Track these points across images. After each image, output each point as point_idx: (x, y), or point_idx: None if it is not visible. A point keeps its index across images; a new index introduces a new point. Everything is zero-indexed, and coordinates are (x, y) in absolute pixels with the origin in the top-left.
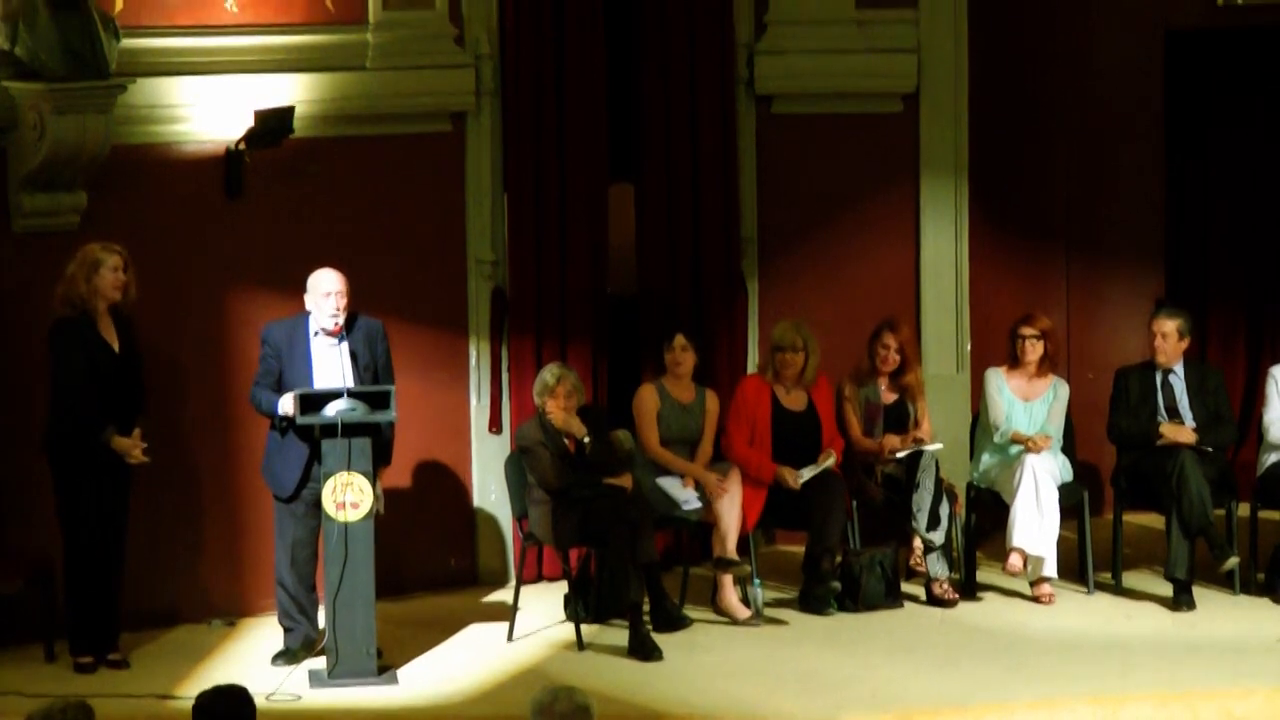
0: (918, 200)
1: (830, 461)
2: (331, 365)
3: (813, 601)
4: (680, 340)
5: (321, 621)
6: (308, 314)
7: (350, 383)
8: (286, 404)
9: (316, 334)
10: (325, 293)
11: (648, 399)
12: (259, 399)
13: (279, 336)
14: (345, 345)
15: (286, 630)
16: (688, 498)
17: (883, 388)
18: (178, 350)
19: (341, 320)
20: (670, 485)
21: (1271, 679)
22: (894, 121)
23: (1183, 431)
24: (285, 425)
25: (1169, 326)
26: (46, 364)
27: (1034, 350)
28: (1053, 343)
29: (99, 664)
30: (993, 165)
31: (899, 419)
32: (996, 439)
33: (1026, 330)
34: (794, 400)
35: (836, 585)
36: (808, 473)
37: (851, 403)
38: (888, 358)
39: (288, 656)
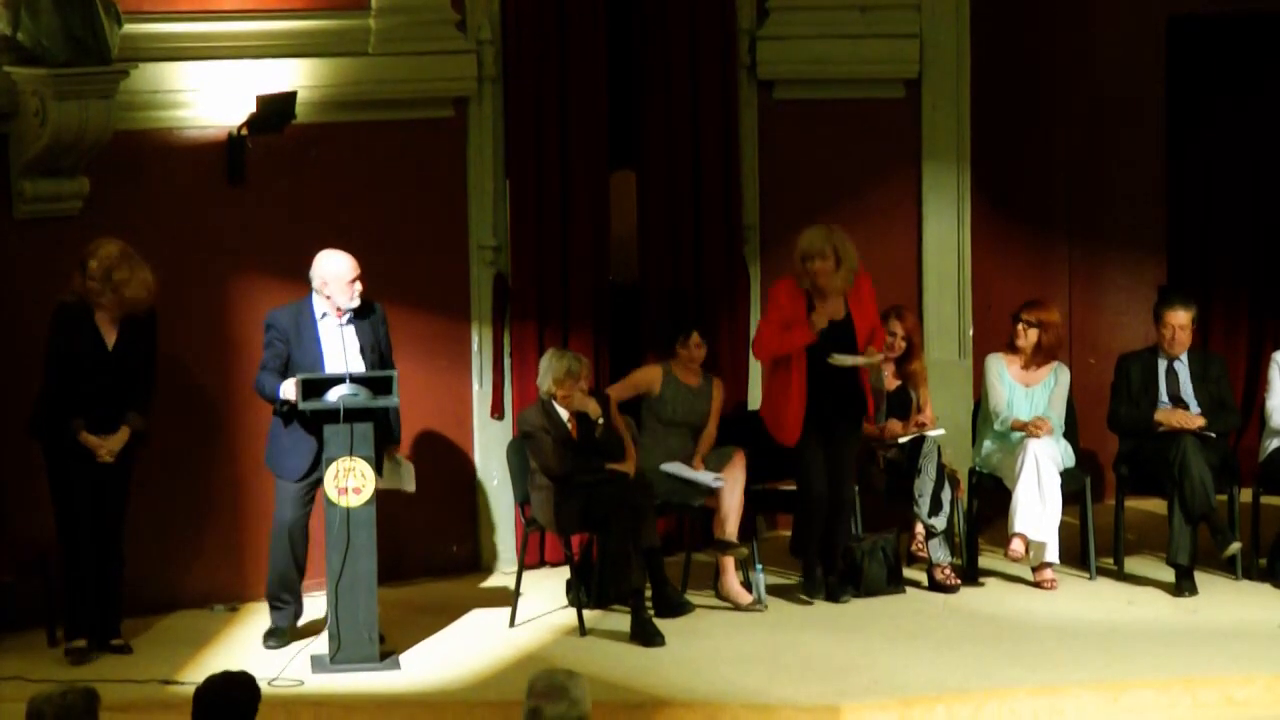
0: (920, 186)
1: (876, 359)
2: (339, 347)
3: (826, 590)
4: (695, 338)
5: (312, 604)
6: (309, 297)
7: (358, 363)
8: (289, 389)
9: (324, 316)
10: (350, 280)
11: (647, 373)
12: (264, 384)
13: (286, 321)
14: (351, 328)
15: (276, 609)
16: (703, 477)
17: (886, 374)
18: (180, 336)
19: (359, 302)
20: (680, 470)
21: (1273, 665)
22: (896, 107)
23: (1177, 415)
24: (286, 410)
25: (1185, 319)
26: (46, 348)
27: (1025, 336)
28: (1052, 335)
29: (94, 649)
30: (995, 151)
31: (902, 405)
32: (997, 426)
33: (1025, 315)
34: (831, 308)
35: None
36: (846, 360)
37: None
38: (894, 344)
39: (279, 636)
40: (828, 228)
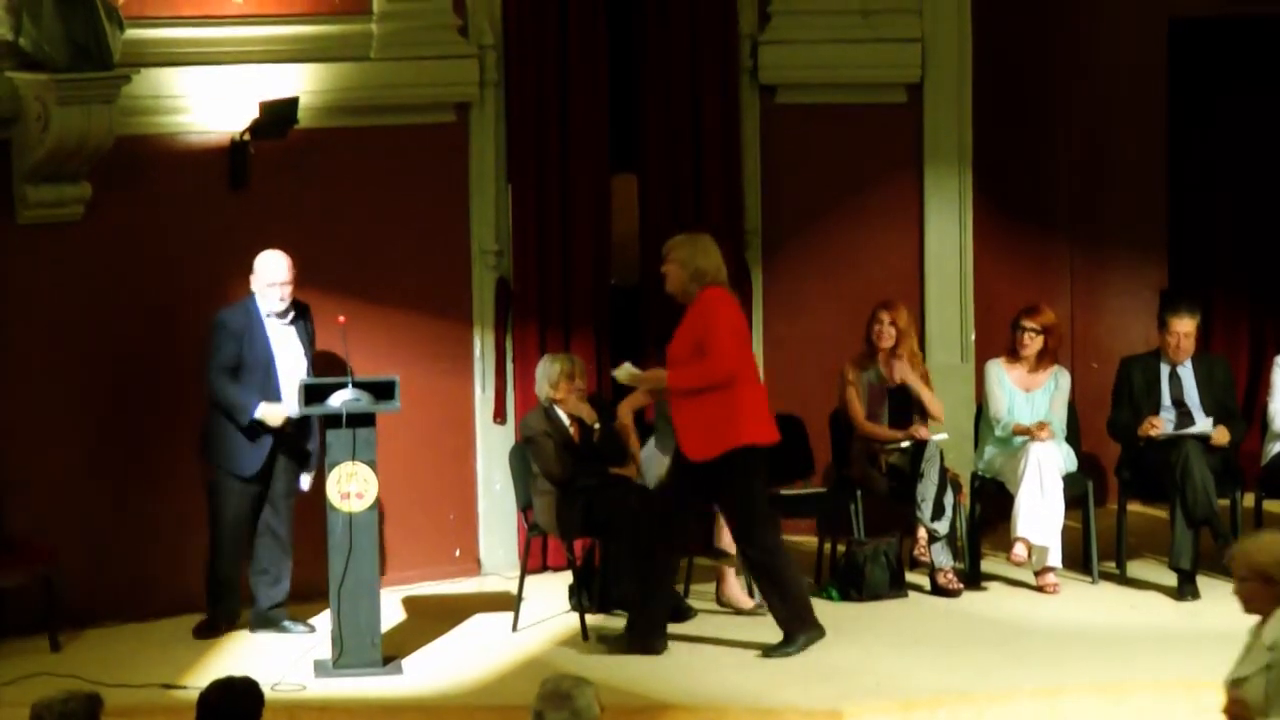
0: (922, 190)
1: (620, 374)
2: (288, 344)
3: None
4: None
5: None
6: (252, 297)
7: (303, 363)
8: (275, 417)
9: (269, 316)
10: (270, 283)
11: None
12: (226, 393)
13: (238, 321)
14: (294, 328)
15: (215, 604)
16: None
17: (883, 368)
18: (182, 341)
19: (286, 305)
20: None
21: None
22: (898, 112)
23: (1154, 423)
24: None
25: (1189, 326)
26: (49, 354)
27: (1031, 344)
28: (1054, 338)
29: None
30: (997, 155)
31: (903, 402)
32: (998, 432)
33: (1027, 323)
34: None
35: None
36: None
37: (855, 387)
38: (881, 332)
39: (214, 629)
40: (681, 236)
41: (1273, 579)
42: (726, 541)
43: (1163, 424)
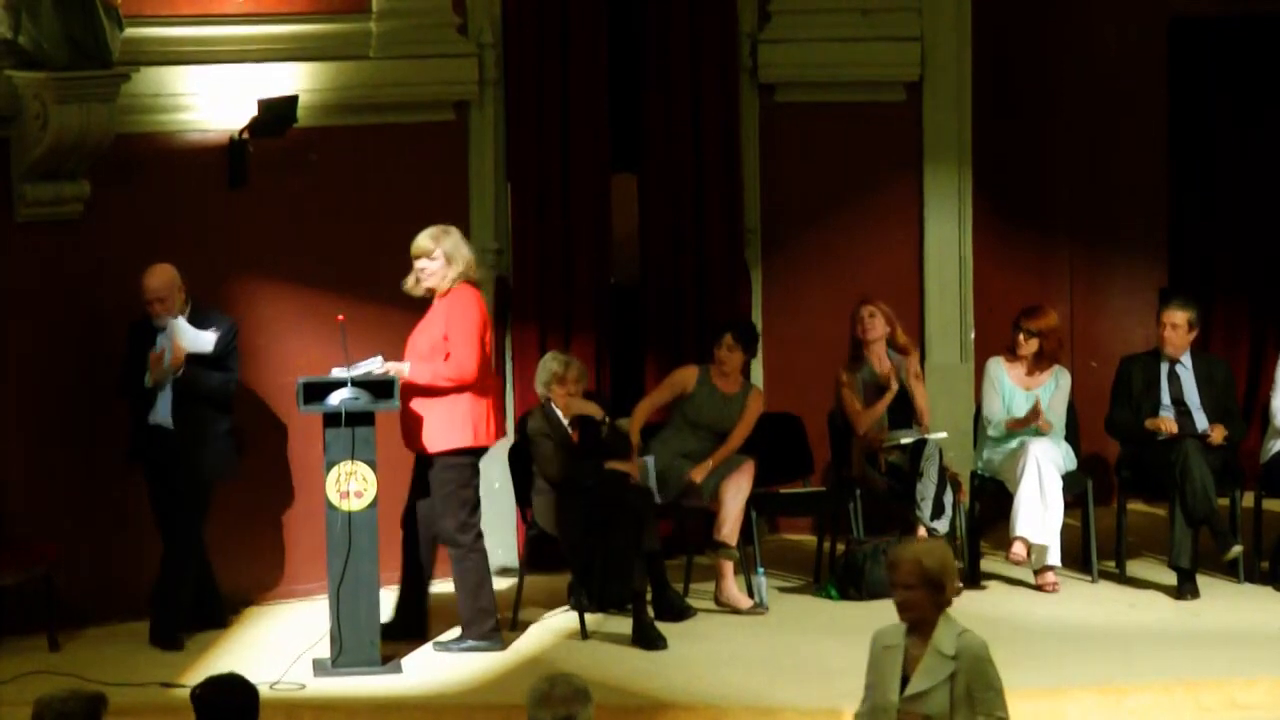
0: (921, 189)
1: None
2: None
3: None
4: (728, 339)
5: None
6: None
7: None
8: None
9: (159, 329)
10: (146, 300)
11: (683, 373)
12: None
13: (136, 331)
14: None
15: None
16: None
17: (875, 365)
18: None
19: (165, 321)
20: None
21: (1276, 667)
22: (898, 110)
23: (1165, 422)
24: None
25: (1180, 318)
26: (48, 353)
27: (1026, 345)
28: (1051, 341)
29: None
30: (996, 154)
31: (901, 399)
32: (990, 432)
33: (1025, 324)
34: None
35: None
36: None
37: (850, 388)
38: (870, 324)
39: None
40: (435, 229)
41: (942, 586)
42: (725, 534)
43: (1171, 425)
